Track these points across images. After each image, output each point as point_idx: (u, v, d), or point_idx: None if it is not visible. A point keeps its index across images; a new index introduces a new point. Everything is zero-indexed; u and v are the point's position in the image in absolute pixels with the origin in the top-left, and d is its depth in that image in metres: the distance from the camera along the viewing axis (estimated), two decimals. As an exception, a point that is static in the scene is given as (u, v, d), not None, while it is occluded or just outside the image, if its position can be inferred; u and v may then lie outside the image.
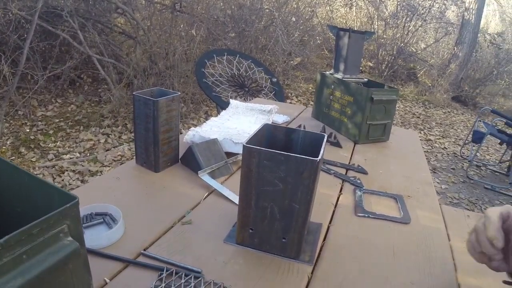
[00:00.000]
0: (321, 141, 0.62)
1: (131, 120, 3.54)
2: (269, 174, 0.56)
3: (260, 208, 0.59)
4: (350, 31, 1.36)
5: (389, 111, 1.27)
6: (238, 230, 0.63)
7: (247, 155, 0.56)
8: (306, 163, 0.54)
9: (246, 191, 0.59)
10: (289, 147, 0.69)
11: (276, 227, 0.60)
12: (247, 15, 4.85)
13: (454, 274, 0.65)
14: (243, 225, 0.62)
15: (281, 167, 0.55)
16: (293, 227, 0.59)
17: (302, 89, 5.57)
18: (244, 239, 0.63)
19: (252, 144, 0.57)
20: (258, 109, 1.39)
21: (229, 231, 0.68)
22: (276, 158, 0.55)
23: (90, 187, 0.84)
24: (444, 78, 7.14)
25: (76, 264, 0.37)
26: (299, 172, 0.55)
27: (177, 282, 0.54)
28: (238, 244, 0.64)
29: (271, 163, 0.55)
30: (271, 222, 0.60)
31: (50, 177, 2.59)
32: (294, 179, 0.55)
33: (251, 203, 0.59)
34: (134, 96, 0.83)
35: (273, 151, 0.55)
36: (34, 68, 3.63)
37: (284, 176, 0.55)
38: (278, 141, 0.69)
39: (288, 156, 0.54)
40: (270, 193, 0.57)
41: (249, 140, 0.58)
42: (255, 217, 0.60)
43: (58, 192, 0.37)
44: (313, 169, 0.54)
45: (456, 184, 3.53)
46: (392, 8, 7.54)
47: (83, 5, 4.06)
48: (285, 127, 0.69)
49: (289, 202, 0.57)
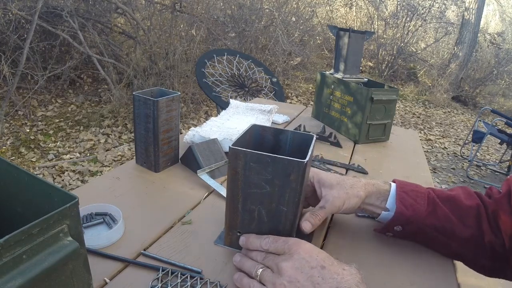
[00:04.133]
0: (310, 142, 0.60)
1: (131, 120, 3.54)
2: (256, 176, 0.55)
3: (247, 210, 0.58)
4: (350, 31, 1.36)
5: (389, 111, 1.27)
6: (226, 232, 0.62)
7: (233, 157, 0.55)
8: (293, 165, 0.52)
9: (232, 194, 0.57)
10: (278, 148, 0.68)
11: (264, 230, 0.58)
12: (247, 15, 4.85)
13: (454, 274, 0.65)
14: (231, 228, 0.61)
15: (268, 169, 0.54)
16: (281, 230, 0.57)
17: (302, 89, 5.57)
18: (232, 241, 0.62)
19: (239, 145, 0.56)
20: (258, 109, 1.39)
21: (220, 232, 0.68)
22: (263, 160, 0.53)
23: (90, 187, 0.84)
24: (444, 78, 7.14)
25: (76, 264, 0.37)
26: (286, 174, 0.53)
27: (174, 281, 0.54)
28: (227, 246, 0.63)
29: (257, 165, 0.54)
30: (259, 225, 0.58)
31: (50, 177, 2.59)
32: (281, 182, 0.54)
33: (238, 206, 0.58)
34: (134, 96, 0.83)
35: (259, 153, 0.53)
36: (34, 68, 3.63)
37: (271, 178, 0.54)
38: (266, 142, 0.68)
39: (274, 158, 0.53)
40: (257, 195, 0.56)
41: (235, 141, 0.57)
42: (242, 219, 0.59)
43: (58, 192, 0.37)
44: (300, 171, 0.52)
45: (456, 184, 3.53)
46: (392, 8, 7.54)
47: (83, 5, 4.06)
48: (273, 127, 0.67)
49: (276, 205, 0.56)
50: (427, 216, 0.65)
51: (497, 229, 0.62)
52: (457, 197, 0.67)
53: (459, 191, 0.69)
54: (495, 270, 0.65)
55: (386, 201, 0.67)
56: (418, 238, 0.68)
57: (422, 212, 0.65)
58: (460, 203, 0.66)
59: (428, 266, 0.65)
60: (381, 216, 0.69)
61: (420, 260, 0.66)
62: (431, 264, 0.66)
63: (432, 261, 0.67)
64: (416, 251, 0.68)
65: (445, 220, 0.64)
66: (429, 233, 0.65)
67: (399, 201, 0.65)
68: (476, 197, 0.68)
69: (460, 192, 0.68)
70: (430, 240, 0.67)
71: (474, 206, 0.65)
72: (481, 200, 0.67)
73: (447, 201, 0.66)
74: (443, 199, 0.67)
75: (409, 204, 0.65)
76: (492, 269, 0.65)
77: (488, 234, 0.63)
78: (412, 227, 0.65)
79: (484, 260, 0.64)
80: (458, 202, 0.66)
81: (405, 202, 0.65)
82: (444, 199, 0.67)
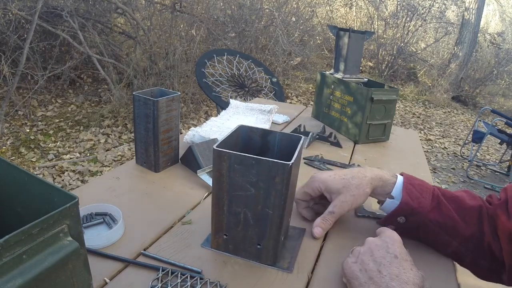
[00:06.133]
0: (298, 144, 0.59)
1: (131, 120, 3.54)
2: (241, 178, 0.54)
3: (233, 213, 0.57)
4: (350, 31, 1.36)
5: (389, 111, 1.27)
6: (212, 235, 0.61)
7: (217, 158, 0.54)
8: (277, 167, 0.51)
9: (218, 196, 0.57)
10: (266, 149, 0.67)
11: (251, 233, 0.58)
12: (247, 15, 4.85)
13: (454, 274, 0.65)
14: (217, 231, 0.60)
15: (252, 171, 0.53)
16: (267, 233, 0.57)
17: (302, 89, 5.57)
18: (219, 244, 0.61)
19: (225, 146, 0.55)
20: (258, 109, 1.39)
21: (207, 235, 0.67)
22: (247, 162, 0.52)
23: (90, 187, 0.84)
24: (444, 78, 7.14)
25: (76, 264, 0.37)
26: (271, 177, 0.52)
27: (174, 281, 0.54)
28: (214, 249, 0.63)
29: (241, 167, 0.53)
30: (245, 228, 0.58)
31: (50, 177, 2.59)
32: (266, 184, 0.53)
33: (223, 208, 0.57)
34: (134, 96, 0.83)
35: (243, 155, 0.52)
36: (34, 68, 3.63)
37: (256, 180, 0.53)
38: (254, 144, 0.67)
39: (259, 160, 0.52)
40: (242, 198, 0.55)
41: (220, 142, 0.56)
42: (228, 222, 0.58)
43: (58, 192, 0.37)
44: (285, 174, 0.52)
45: (456, 184, 3.53)
46: (392, 8, 7.54)
47: (83, 5, 4.06)
48: (261, 128, 0.66)
49: (262, 208, 0.55)
50: (431, 211, 0.65)
51: (495, 233, 0.63)
52: (460, 197, 0.68)
53: (463, 193, 0.70)
54: (492, 273, 0.65)
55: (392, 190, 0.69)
56: (420, 233, 0.68)
57: (426, 206, 0.65)
58: (463, 203, 0.67)
59: (428, 266, 0.65)
60: (385, 204, 0.70)
61: (420, 260, 0.66)
62: (431, 264, 0.66)
63: (432, 261, 0.67)
64: (416, 251, 0.68)
65: (448, 217, 0.65)
66: (432, 228, 0.66)
67: (405, 192, 0.67)
68: (479, 199, 0.69)
69: (464, 194, 0.70)
70: (432, 236, 0.67)
71: (476, 206, 0.66)
72: (483, 203, 0.68)
73: (451, 199, 0.67)
74: (447, 197, 0.67)
75: (415, 197, 0.66)
76: (489, 270, 0.65)
77: (488, 235, 0.63)
78: (415, 219, 0.66)
79: (483, 261, 0.64)
80: (461, 202, 0.67)
81: (411, 194, 0.66)
82: (448, 197, 0.67)
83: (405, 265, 0.52)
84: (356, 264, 0.55)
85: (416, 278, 0.50)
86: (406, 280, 0.49)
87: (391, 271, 0.51)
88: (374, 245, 0.56)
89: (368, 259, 0.54)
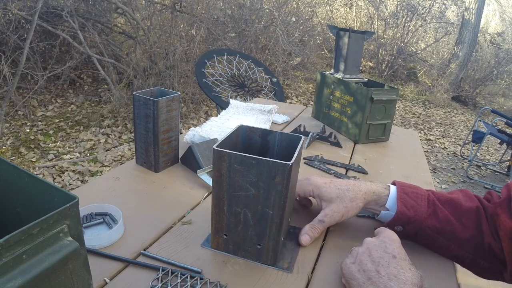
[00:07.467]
0: (298, 144, 0.59)
1: (131, 120, 3.54)
2: (241, 178, 0.54)
3: (233, 213, 0.57)
4: (350, 31, 1.36)
5: (389, 111, 1.27)
6: (212, 235, 0.62)
7: (217, 158, 0.54)
8: (277, 167, 0.52)
9: (218, 196, 0.57)
10: (266, 149, 0.67)
11: (251, 233, 0.58)
12: (247, 15, 4.85)
13: (454, 275, 0.65)
14: (217, 231, 0.60)
15: (252, 171, 0.53)
16: (267, 233, 0.57)
17: (302, 89, 5.57)
18: (219, 244, 0.62)
19: (224, 147, 0.55)
20: (258, 109, 1.39)
21: (207, 235, 0.67)
22: (247, 161, 0.53)
23: (90, 187, 0.84)
24: (444, 78, 7.14)
25: (76, 264, 0.37)
26: (271, 177, 0.52)
27: (174, 281, 0.54)
28: (214, 249, 0.63)
29: (241, 167, 0.53)
30: (245, 228, 0.58)
31: (50, 177, 2.59)
32: (266, 184, 0.53)
33: (223, 208, 0.57)
34: (134, 96, 0.83)
35: (243, 155, 0.52)
36: (34, 68, 3.63)
37: (256, 180, 0.53)
38: (254, 144, 0.67)
39: (259, 160, 0.52)
40: (242, 198, 0.55)
41: (220, 142, 0.56)
42: (228, 222, 0.59)
43: (58, 192, 0.37)
44: (285, 174, 0.52)
45: (456, 184, 3.53)
46: (392, 8, 7.54)
47: (83, 5, 4.06)
48: (262, 128, 0.66)
49: (262, 208, 0.55)
50: (427, 218, 0.65)
51: (495, 232, 0.63)
52: (456, 200, 0.67)
53: (459, 194, 0.69)
54: (492, 271, 0.65)
55: (386, 203, 0.68)
56: (418, 239, 0.68)
57: (423, 213, 0.65)
58: (460, 206, 0.66)
59: (428, 266, 0.65)
60: (381, 215, 0.70)
61: (420, 261, 0.66)
62: (431, 264, 0.66)
63: (432, 261, 0.67)
64: (416, 251, 0.68)
65: (445, 222, 0.65)
66: (430, 234, 0.66)
67: (400, 202, 0.66)
68: (476, 200, 0.68)
69: (460, 195, 0.69)
70: (431, 241, 0.67)
71: (473, 208, 0.66)
72: (481, 203, 0.67)
73: (447, 203, 0.67)
74: (443, 201, 0.67)
75: (410, 206, 0.66)
76: (489, 270, 0.65)
77: (488, 235, 0.63)
78: (413, 227, 0.66)
79: (483, 261, 0.64)
80: (458, 205, 0.67)
81: (406, 203, 0.66)
82: (444, 201, 0.67)
83: (403, 265, 0.52)
84: (354, 265, 0.55)
85: (415, 277, 0.50)
86: (405, 280, 0.49)
87: (390, 271, 0.51)
88: (373, 245, 0.56)
89: (366, 259, 0.54)
